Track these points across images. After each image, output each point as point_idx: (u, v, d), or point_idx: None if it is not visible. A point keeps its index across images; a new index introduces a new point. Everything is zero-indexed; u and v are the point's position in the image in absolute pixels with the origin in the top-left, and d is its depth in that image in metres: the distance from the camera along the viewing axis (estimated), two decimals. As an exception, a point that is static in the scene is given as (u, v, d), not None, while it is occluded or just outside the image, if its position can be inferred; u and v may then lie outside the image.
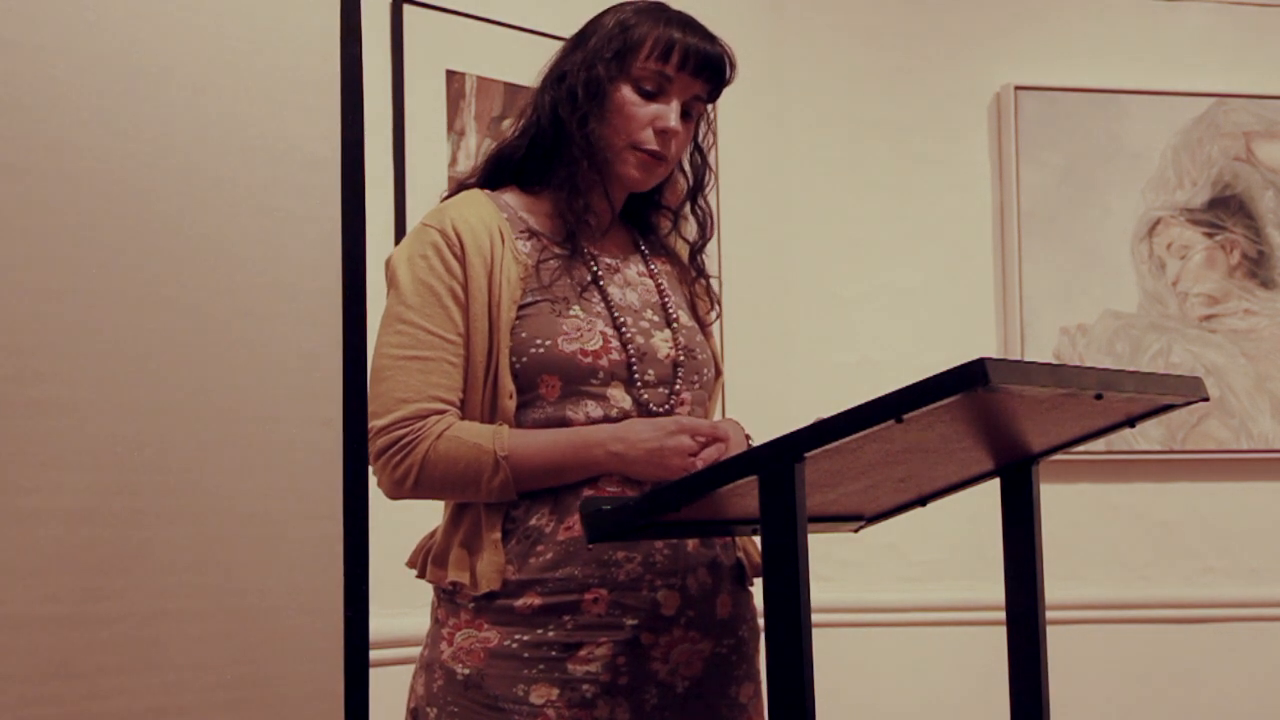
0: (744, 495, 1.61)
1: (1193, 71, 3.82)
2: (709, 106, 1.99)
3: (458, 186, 1.98)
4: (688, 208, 2.05)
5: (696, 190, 2.04)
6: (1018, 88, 3.70)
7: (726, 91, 3.49)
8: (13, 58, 0.99)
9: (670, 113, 1.90)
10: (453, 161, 2.91)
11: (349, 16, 1.16)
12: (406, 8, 2.89)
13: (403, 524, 1.95)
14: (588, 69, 1.90)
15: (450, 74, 2.95)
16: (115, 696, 1.02)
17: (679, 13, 1.95)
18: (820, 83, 3.73)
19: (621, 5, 1.96)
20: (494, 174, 1.97)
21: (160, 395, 1.05)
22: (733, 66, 1.95)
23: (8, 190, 0.98)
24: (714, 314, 2.07)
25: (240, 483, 1.09)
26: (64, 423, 1.00)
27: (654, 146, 1.90)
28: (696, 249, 2.05)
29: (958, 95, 3.76)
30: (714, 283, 2.10)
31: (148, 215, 1.05)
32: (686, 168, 2.03)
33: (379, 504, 1.77)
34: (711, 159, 2.07)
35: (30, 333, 0.99)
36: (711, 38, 1.93)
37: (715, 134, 2.06)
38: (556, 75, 1.94)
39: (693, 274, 2.06)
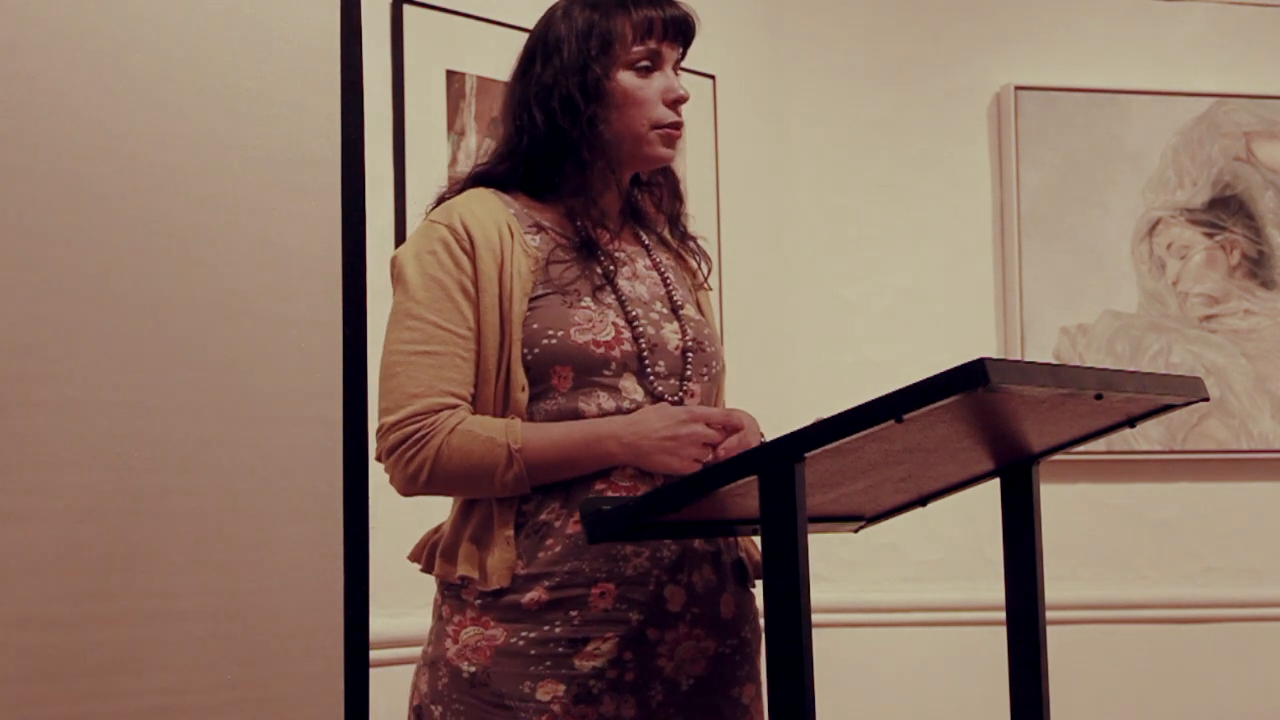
0: (744, 495, 1.61)
1: (1193, 71, 3.82)
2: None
3: (436, 201, 1.97)
4: (660, 179, 2.06)
5: None
6: (1018, 88, 3.70)
7: (727, 91, 3.50)
8: (13, 58, 0.99)
9: (673, 81, 1.94)
10: (453, 161, 2.91)
11: (349, 16, 1.17)
12: (406, 8, 2.89)
13: (402, 524, 1.95)
14: (580, 73, 1.90)
15: (450, 74, 2.95)
16: (115, 696, 1.02)
17: None
18: (820, 83, 3.73)
19: (564, 10, 1.95)
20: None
21: (160, 395, 1.05)
22: (697, 22, 1.99)
23: (8, 190, 0.98)
24: (706, 269, 2.07)
25: (240, 483, 1.09)
26: (64, 423, 1.00)
27: (675, 118, 1.94)
28: (675, 215, 2.06)
29: (958, 95, 3.76)
30: (703, 243, 2.10)
31: (148, 215, 1.05)
32: None
33: (379, 503, 1.77)
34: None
35: (30, 333, 0.99)
36: (673, 1, 1.97)
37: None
38: (540, 90, 1.93)
39: (678, 239, 2.06)
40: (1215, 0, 3.84)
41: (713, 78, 3.42)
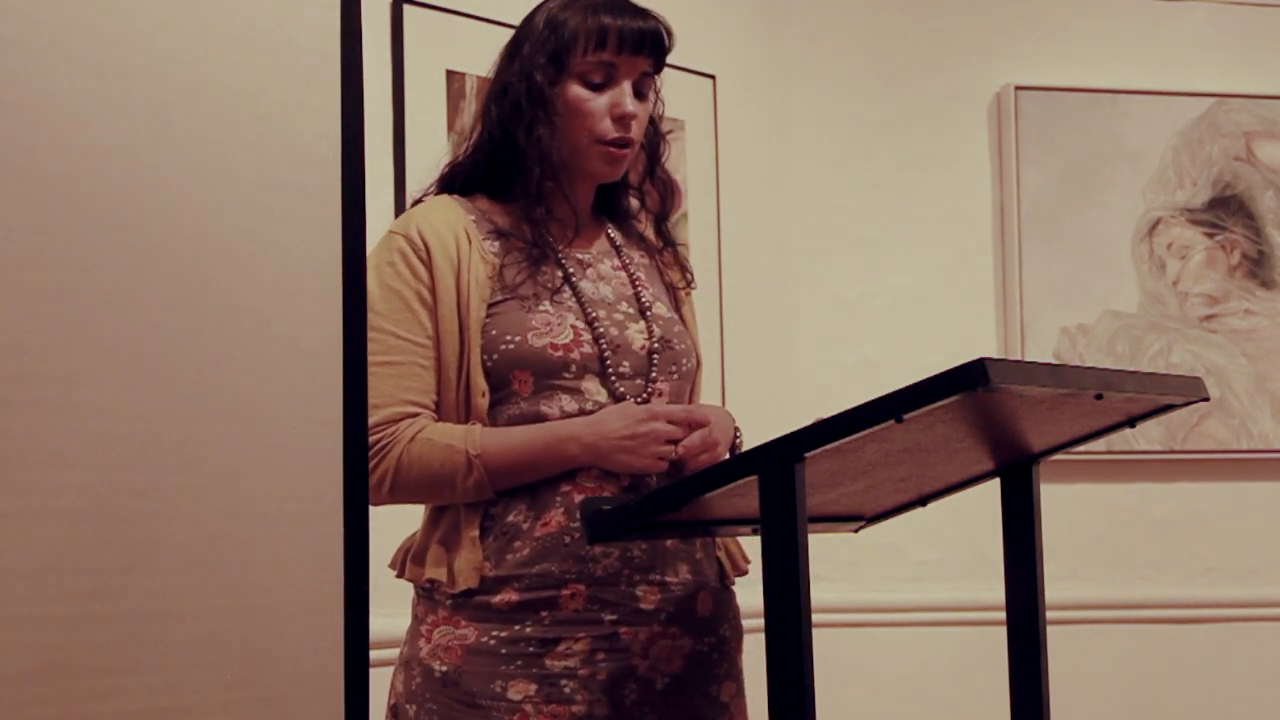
0: (744, 495, 1.61)
1: (1193, 71, 3.82)
2: (656, 79, 1.96)
3: (413, 204, 1.98)
4: (649, 182, 2.04)
5: (653, 162, 2.03)
6: (1018, 88, 3.70)
7: (727, 91, 3.50)
8: (12, 57, 0.99)
9: (624, 97, 1.89)
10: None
11: (349, 16, 1.16)
12: (406, 8, 2.89)
13: (401, 525, 1.95)
14: (526, 78, 1.89)
15: (450, 74, 2.95)
16: (115, 696, 1.02)
17: None
18: (820, 83, 3.73)
19: (541, 7, 1.93)
20: (448, 189, 1.97)
21: (160, 395, 1.05)
22: (670, 35, 1.93)
23: (8, 190, 0.98)
24: (685, 282, 2.06)
25: (240, 483, 1.09)
26: (64, 423, 1.00)
27: (616, 134, 1.90)
28: (661, 218, 2.05)
29: (958, 95, 3.76)
30: (684, 250, 2.09)
31: (148, 215, 1.05)
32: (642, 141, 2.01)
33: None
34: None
35: (30, 332, 0.99)
36: (643, 13, 1.91)
37: (664, 100, 2.02)
38: (500, 88, 1.93)
39: (660, 245, 2.06)
40: (1215, 0, 3.84)
41: (713, 78, 3.42)
